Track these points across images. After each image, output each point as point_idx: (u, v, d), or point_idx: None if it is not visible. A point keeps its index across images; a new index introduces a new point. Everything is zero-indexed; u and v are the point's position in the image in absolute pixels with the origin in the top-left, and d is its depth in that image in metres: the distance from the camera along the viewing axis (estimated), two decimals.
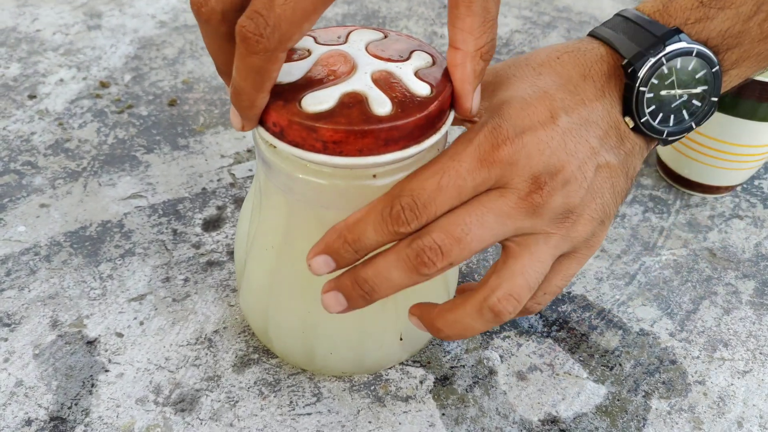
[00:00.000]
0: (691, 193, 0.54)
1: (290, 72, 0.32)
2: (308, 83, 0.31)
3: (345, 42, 0.35)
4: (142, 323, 0.42)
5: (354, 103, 0.31)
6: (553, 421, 0.39)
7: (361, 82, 0.32)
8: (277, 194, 0.34)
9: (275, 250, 0.36)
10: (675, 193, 0.54)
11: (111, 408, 0.38)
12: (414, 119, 0.31)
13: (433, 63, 0.34)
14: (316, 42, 0.34)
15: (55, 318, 0.42)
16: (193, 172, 0.52)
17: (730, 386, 0.42)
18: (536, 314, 0.44)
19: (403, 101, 0.31)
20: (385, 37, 0.35)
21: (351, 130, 0.30)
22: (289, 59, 0.33)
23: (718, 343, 0.44)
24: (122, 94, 0.58)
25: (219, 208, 0.49)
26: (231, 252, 0.46)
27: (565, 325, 0.44)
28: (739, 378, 0.42)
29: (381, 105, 0.30)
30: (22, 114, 0.55)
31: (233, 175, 0.52)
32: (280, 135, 0.31)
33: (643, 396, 0.41)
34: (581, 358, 0.43)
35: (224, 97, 0.58)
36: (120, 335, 0.42)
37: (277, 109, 0.30)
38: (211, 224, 0.48)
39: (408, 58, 0.34)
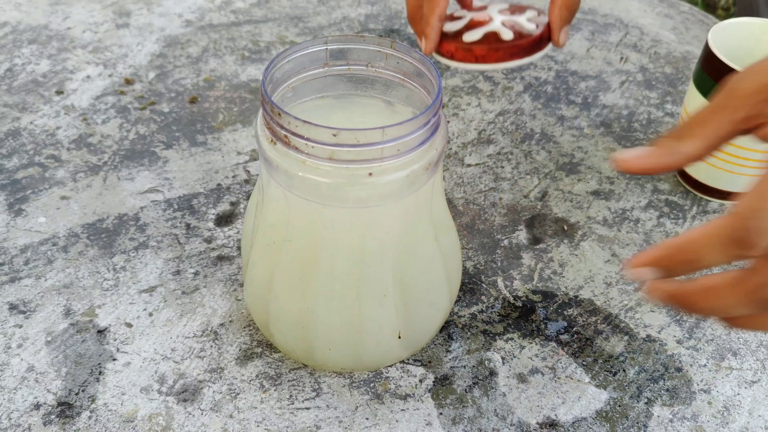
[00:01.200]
0: (709, 199, 0.53)
1: (455, 25, 0.52)
2: (466, 28, 0.51)
3: (485, 8, 0.54)
4: (151, 314, 0.43)
5: (491, 35, 0.50)
6: (552, 424, 0.39)
7: (495, 26, 0.51)
8: (278, 191, 0.35)
9: (276, 245, 0.37)
10: (692, 199, 0.53)
11: (116, 395, 0.39)
12: (525, 41, 0.50)
13: (538, 15, 0.53)
14: (467, 11, 0.54)
15: (68, 307, 0.44)
16: (209, 168, 0.53)
17: (736, 396, 0.41)
18: (541, 317, 0.44)
19: (520, 33, 0.50)
20: (510, 5, 0.55)
21: (490, 47, 0.50)
22: (454, 19, 0.53)
23: (727, 352, 0.43)
24: (145, 91, 0.59)
25: (232, 204, 0.50)
26: (240, 247, 0.47)
27: (570, 329, 0.44)
28: (746, 388, 0.41)
29: (506, 35, 0.50)
30: (49, 109, 0.57)
31: (248, 171, 0.53)
32: (451, 57, 0.51)
33: (646, 403, 0.40)
34: (584, 363, 0.42)
35: (243, 95, 0.59)
36: (129, 325, 0.43)
37: (449, 41, 0.50)
38: (224, 219, 0.49)
39: (523, 12, 0.53)
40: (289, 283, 0.37)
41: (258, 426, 0.38)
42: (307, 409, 0.39)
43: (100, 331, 0.42)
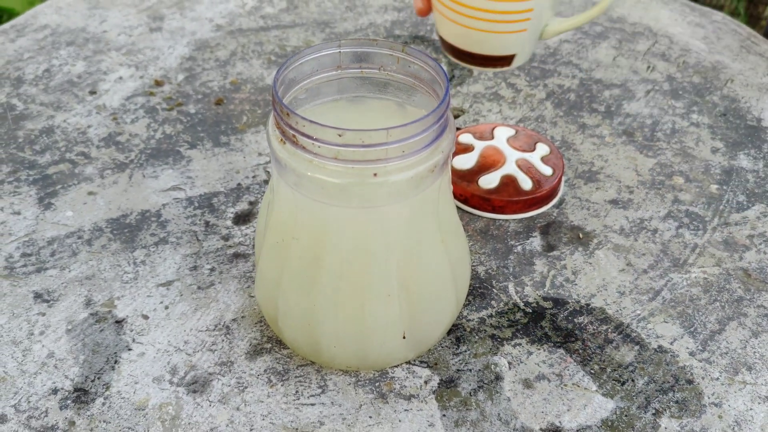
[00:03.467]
0: (476, 68, 0.51)
1: (467, 161, 0.52)
2: (479, 169, 0.51)
3: (492, 137, 0.54)
4: (167, 307, 0.45)
5: (509, 182, 0.50)
6: (555, 431, 0.39)
7: (510, 168, 0.51)
8: (287, 191, 0.36)
9: (285, 243, 0.38)
10: (714, 210, 0.52)
11: (129, 384, 0.41)
12: (544, 192, 0.50)
13: (550, 151, 0.53)
14: (474, 138, 0.53)
15: (89, 297, 0.45)
16: (230, 168, 0.54)
17: (748, 411, 0.40)
18: (550, 323, 0.44)
19: (538, 180, 0.51)
20: (516, 132, 0.54)
21: (510, 200, 0.50)
22: (463, 151, 0.52)
23: (742, 366, 0.42)
24: (174, 93, 0.61)
25: (251, 203, 0.52)
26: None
27: (580, 337, 0.44)
28: (759, 403, 0.40)
29: (525, 184, 0.50)
30: (82, 108, 0.59)
31: (268, 172, 0.54)
32: (465, 201, 0.50)
33: (653, 414, 0.40)
34: (592, 371, 0.42)
35: (267, 98, 0.60)
36: (146, 317, 0.44)
37: (463, 186, 0.50)
38: (242, 218, 0.50)
39: (534, 149, 0.53)
40: (296, 281, 0.38)
41: (263, 419, 0.39)
42: (312, 405, 0.40)
43: (117, 322, 0.44)
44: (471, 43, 0.49)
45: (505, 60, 0.50)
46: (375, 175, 0.33)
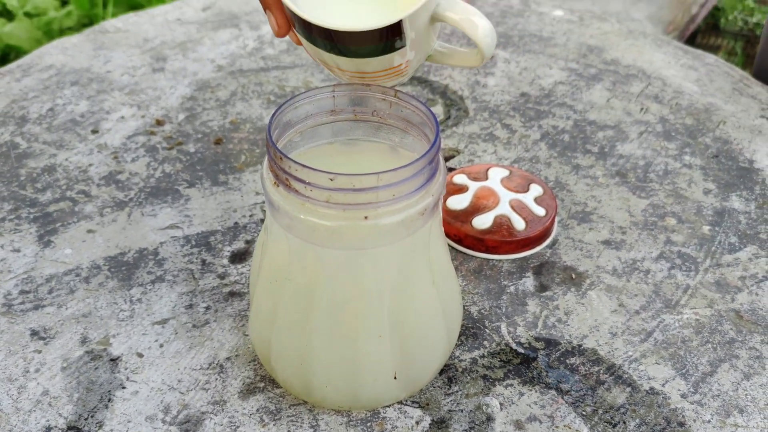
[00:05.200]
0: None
1: (460, 202, 0.52)
2: (473, 210, 0.52)
3: (486, 178, 0.54)
4: (162, 345, 0.45)
5: (503, 222, 0.51)
6: None
7: (504, 208, 0.52)
8: (280, 232, 0.37)
9: (278, 284, 0.38)
10: (706, 251, 0.53)
11: (122, 423, 0.41)
12: (537, 232, 0.51)
13: (543, 192, 0.53)
14: (468, 178, 0.54)
15: (85, 335, 0.46)
16: (228, 207, 0.55)
17: None
18: (542, 364, 0.44)
19: (532, 220, 0.51)
20: (510, 173, 0.55)
21: (503, 241, 0.50)
22: (457, 192, 0.53)
23: (734, 409, 0.42)
24: (174, 132, 0.62)
25: (247, 242, 0.52)
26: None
27: (571, 378, 0.44)
28: None
29: (518, 224, 0.51)
30: (84, 147, 0.60)
31: (264, 211, 0.55)
32: (459, 242, 0.51)
33: None
34: (584, 413, 0.42)
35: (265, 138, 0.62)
36: (140, 355, 0.44)
37: (457, 226, 0.51)
38: (238, 257, 0.51)
39: (528, 190, 0.53)
40: (289, 320, 0.38)
41: None
42: None
43: (112, 360, 0.44)
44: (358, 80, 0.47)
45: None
46: (366, 218, 0.34)
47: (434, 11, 0.37)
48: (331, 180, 0.33)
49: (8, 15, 1.47)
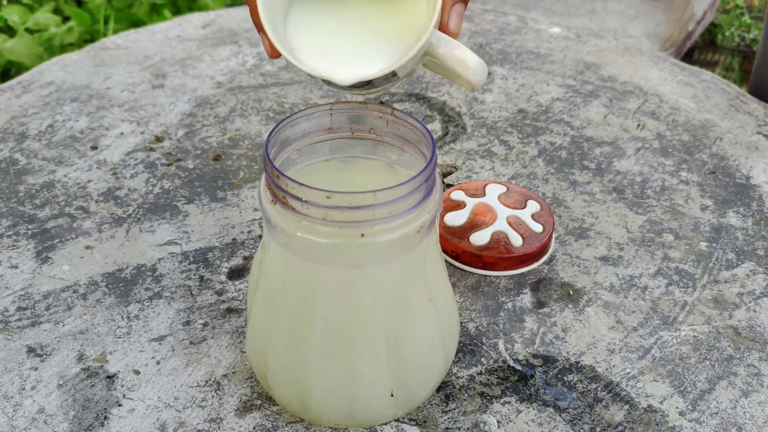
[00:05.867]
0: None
1: (458, 218, 0.52)
2: (471, 226, 0.52)
3: (484, 194, 0.54)
4: (159, 362, 0.45)
5: (500, 239, 0.51)
6: None
7: (501, 225, 0.52)
8: (277, 250, 0.37)
9: (274, 301, 0.38)
10: (703, 268, 0.53)
11: None
12: (534, 249, 0.51)
13: (540, 208, 0.53)
14: (466, 194, 0.54)
15: (82, 352, 0.45)
16: (226, 223, 0.55)
17: None
18: (540, 381, 0.44)
19: (529, 236, 0.51)
20: (508, 189, 0.55)
21: (500, 257, 0.50)
22: (455, 208, 0.53)
23: (732, 427, 0.42)
24: (173, 148, 0.62)
25: (245, 258, 0.52)
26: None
27: (569, 395, 0.44)
28: None
29: (515, 240, 0.51)
30: (83, 163, 0.61)
31: (263, 228, 0.55)
32: (456, 258, 0.51)
33: None
34: (582, 431, 0.42)
35: None
36: (137, 372, 0.44)
37: (455, 242, 0.51)
38: (236, 273, 0.51)
39: (525, 206, 0.54)
40: (285, 338, 0.38)
41: None
42: None
43: (109, 377, 0.44)
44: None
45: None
46: (362, 235, 0.34)
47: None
48: (328, 198, 0.33)
49: (10, 31, 1.48)
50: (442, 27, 0.38)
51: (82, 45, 1.42)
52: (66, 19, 1.53)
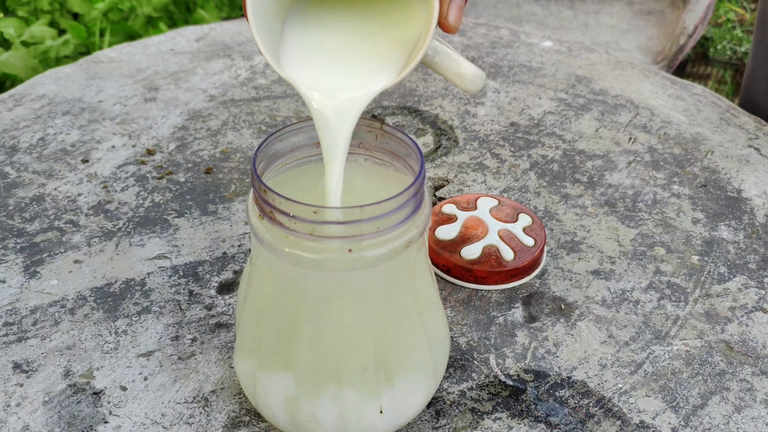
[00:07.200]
0: None
1: (449, 232, 0.52)
2: (462, 240, 0.52)
3: (475, 208, 0.54)
4: (146, 378, 0.44)
5: (491, 253, 0.51)
6: None
7: (493, 238, 0.52)
8: (264, 265, 0.36)
9: (262, 316, 0.38)
10: (695, 282, 0.52)
11: None
12: (526, 263, 0.51)
13: (532, 222, 0.53)
14: (458, 208, 0.54)
15: (68, 368, 0.45)
16: (216, 237, 0.55)
17: None
18: (531, 397, 0.44)
19: (521, 250, 0.51)
20: (499, 202, 0.55)
21: (492, 271, 0.50)
22: (446, 222, 0.53)
23: None
24: (165, 161, 0.62)
25: (235, 272, 0.52)
26: None
27: (561, 411, 0.43)
28: None
29: (507, 254, 0.51)
30: (73, 176, 0.60)
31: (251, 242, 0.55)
32: (447, 272, 0.51)
33: None
34: None
35: None
36: (124, 389, 0.44)
37: (446, 256, 0.51)
38: (226, 287, 0.51)
39: (516, 220, 0.54)
40: (273, 354, 0.38)
41: None
42: None
43: (95, 393, 0.44)
44: None
45: None
46: (350, 250, 0.34)
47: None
48: (315, 213, 0.33)
49: (5, 44, 1.48)
50: (441, 20, 0.37)
51: (77, 58, 1.43)
52: (62, 32, 1.54)
